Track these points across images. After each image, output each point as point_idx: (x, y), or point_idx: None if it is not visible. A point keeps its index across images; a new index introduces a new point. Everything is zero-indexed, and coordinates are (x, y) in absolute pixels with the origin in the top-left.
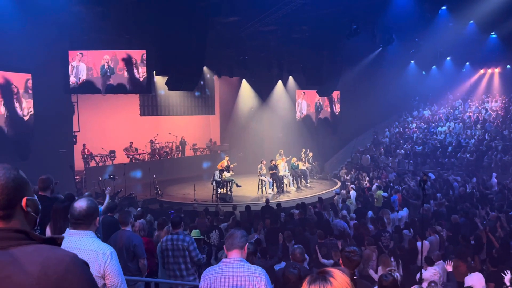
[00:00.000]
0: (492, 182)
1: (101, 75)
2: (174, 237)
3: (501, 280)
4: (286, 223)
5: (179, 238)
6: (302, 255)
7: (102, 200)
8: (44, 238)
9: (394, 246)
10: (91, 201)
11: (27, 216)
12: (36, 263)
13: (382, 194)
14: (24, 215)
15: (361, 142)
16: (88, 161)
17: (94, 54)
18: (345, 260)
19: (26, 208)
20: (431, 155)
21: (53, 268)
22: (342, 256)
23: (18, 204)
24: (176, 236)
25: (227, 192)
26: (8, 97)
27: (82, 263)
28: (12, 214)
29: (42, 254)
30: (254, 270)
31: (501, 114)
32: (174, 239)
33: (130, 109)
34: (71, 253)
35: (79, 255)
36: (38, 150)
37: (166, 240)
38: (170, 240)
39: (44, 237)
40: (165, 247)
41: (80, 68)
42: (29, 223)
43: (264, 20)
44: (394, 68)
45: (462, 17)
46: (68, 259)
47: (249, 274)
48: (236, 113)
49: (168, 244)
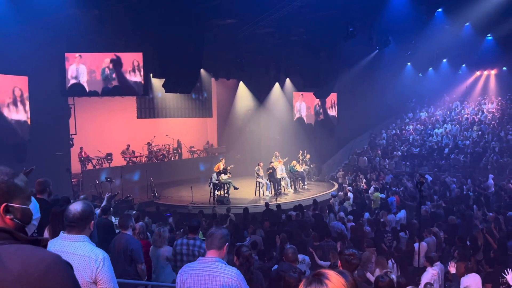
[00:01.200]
0: (488, 184)
1: (102, 78)
2: (190, 242)
3: (498, 281)
4: (283, 225)
5: (195, 244)
6: (294, 255)
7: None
8: (29, 239)
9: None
10: (86, 204)
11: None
12: (17, 261)
13: (379, 196)
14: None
15: (358, 144)
16: (85, 164)
17: (94, 56)
18: (344, 263)
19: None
20: (428, 156)
21: (33, 266)
22: (342, 259)
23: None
24: (193, 242)
25: (225, 194)
26: (4, 100)
27: (64, 263)
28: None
29: (23, 253)
30: (228, 272)
31: (497, 116)
32: (190, 244)
33: (127, 112)
34: (53, 254)
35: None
36: (34, 153)
37: (181, 244)
38: (186, 245)
39: (29, 238)
40: (179, 251)
41: (80, 70)
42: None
43: (261, 23)
44: (391, 70)
45: (458, 19)
46: (49, 259)
47: (221, 275)
48: (233, 116)
49: (184, 248)
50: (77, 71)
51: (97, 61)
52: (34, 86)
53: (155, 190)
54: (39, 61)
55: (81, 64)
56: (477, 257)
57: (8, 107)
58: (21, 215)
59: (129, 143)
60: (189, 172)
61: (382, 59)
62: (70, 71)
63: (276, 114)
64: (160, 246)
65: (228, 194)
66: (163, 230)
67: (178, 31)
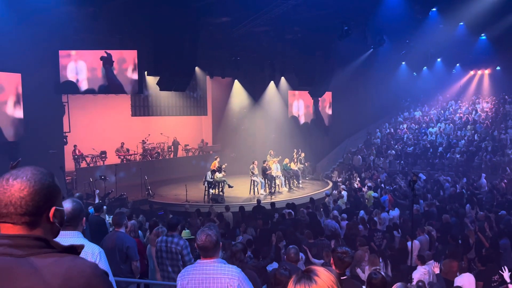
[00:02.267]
0: (481, 183)
1: (102, 75)
2: (169, 239)
3: (491, 279)
4: (277, 224)
5: (173, 241)
6: (296, 256)
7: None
8: (64, 247)
9: (384, 246)
10: (76, 203)
11: (52, 227)
12: (58, 275)
13: (372, 195)
14: (50, 226)
15: (353, 143)
16: (79, 162)
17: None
18: (337, 261)
19: (53, 219)
20: (422, 155)
21: (75, 280)
22: (334, 257)
23: (45, 212)
24: (171, 239)
25: (219, 192)
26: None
27: (102, 273)
28: (37, 222)
29: (63, 265)
30: (229, 272)
31: (490, 115)
32: (168, 241)
33: (121, 110)
34: (92, 264)
35: None
36: (28, 151)
37: (161, 241)
38: (164, 242)
39: (64, 246)
40: (159, 248)
41: (79, 67)
42: (52, 234)
43: (256, 21)
44: (385, 69)
45: (452, 18)
46: (89, 270)
47: (222, 275)
48: (228, 114)
49: (162, 245)
50: (76, 68)
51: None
52: (28, 84)
53: (149, 188)
54: (32, 58)
55: (80, 61)
56: (468, 255)
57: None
58: (61, 218)
59: (123, 141)
60: (183, 171)
61: (376, 58)
62: (69, 68)
63: (271, 113)
64: None
65: (223, 192)
66: (162, 230)
67: (173, 29)
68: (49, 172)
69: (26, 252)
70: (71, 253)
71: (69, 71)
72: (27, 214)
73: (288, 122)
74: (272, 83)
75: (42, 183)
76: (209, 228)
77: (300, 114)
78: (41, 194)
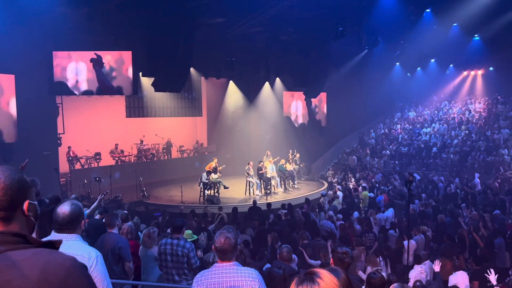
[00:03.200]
0: (475, 182)
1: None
2: (174, 241)
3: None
4: (273, 224)
5: (179, 243)
6: (289, 255)
7: (87, 203)
8: (42, 242)
9: (380, 246)
10: (75, 205)
11: (27, 220)
12: (36, 268)
13: (368, 195)
14: (25, 219)
15: (348, 143)
16: (73, 163)
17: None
18: (337, 262)
19: (27, 212)
20: (416, 155)
21: (53, 273)
22: (334, 257)
23: (19, 207)
24: (177, 241)
25: (215, 194)
26: None
27: (81, 266)
28: (12, 217)
29: (41, 258)
30: (248, 274)
31: (484, 115)
32: (174, 244)
33: (116, 111)
34: (70, 257)
35: None
36: (21, 152)
37: (165, 244)
38: (169, 245)
39: (42, 241)
40: (163, 251)
41: (79, 68)
42: (28, 228)
43: (251, 22)
44: (379, 70)
45: (446, 19)
46: (68, 263)
47: (243, 278)
48: (223, 115)
49: (167, 248)
50: (77, 69)
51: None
52: (22, 85)
53: (144, 190)
54: (26, 59)
55: (81, 62)
56: (465, 254)
57: None
58: (35, 212)
59: (118, 142)
60: (178, 172)
61: (371, 59)
62: (69, 69)
63: (266, 114)
64: (150, 246)
65: (218, 193)
66: (153, 230)
67: (167, 29)
68: (16, 169)
69: (4, 247)
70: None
71: (68, 72)
72: (1, 210)
73: (283, 123)
74: (267, 83)
75: (12, 177)
76: (227, 231)
77: (295, 115)
78: (13, 188)
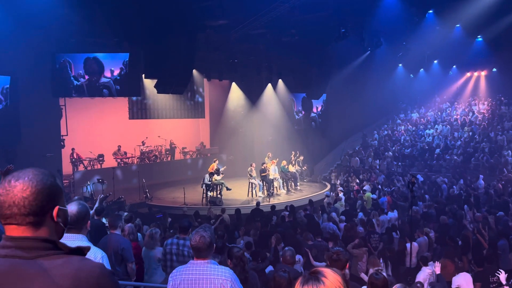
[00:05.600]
0: (479, 184)
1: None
2: (180, 242)
3: (488, 280)
4: (277, 226)
5: (185, 244)
6: (292, 258)
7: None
8: (71, 248)
9: (383, 247)
10: (82, 205)
11: (57, 226)
12: (67, 276)
13: (371, 196)
14: (54, 225)
15: (350, 145)
16: (76, 165)
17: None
18: (332, 262)
19: (57, 218)
20: (419, 157)
21: (84, 281)
22: (329, 258)
23: (49, 212)
24: (183, 242)
25: (217, 195)
26: None
27: (110, 273)
28: (41, 222)
29: (72, 266)
30: (221, 273)
31: (487, 117)
32: (180, 244)
33: (119, 113)
34: (99, 264)
35: None
36: (25, 154)
37: (171, 244)
38: (176, 245)
39: (72, 247)
40: (169, 251)
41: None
42: (57, 233)
43: (253, 24)
44: (382, 71)
45: (449, 20)
46: (98, 271)
47: (216, 276)
48: (225, 116)
49: (173, 248)
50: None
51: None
52: (25, 87)
53: (147, 191)
54: (30, 61)
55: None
56: (468, 256)
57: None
58: (64, 218)
59: (121, 144)
60: (181, 173)
61: (373, 60)
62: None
63: (268, 115)
64: (152, 247)
65: (221, 195)
66: (155, 231)
67: (170, 31)
68: (50, 173)
69: (35, 254)
70: (78, 254)
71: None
72: (31, 214)
73: (285, 124)
74: (270, 85)
75: (44, 182)
76: (203, 229)
77: (298, 116)
78: (43, 193)
